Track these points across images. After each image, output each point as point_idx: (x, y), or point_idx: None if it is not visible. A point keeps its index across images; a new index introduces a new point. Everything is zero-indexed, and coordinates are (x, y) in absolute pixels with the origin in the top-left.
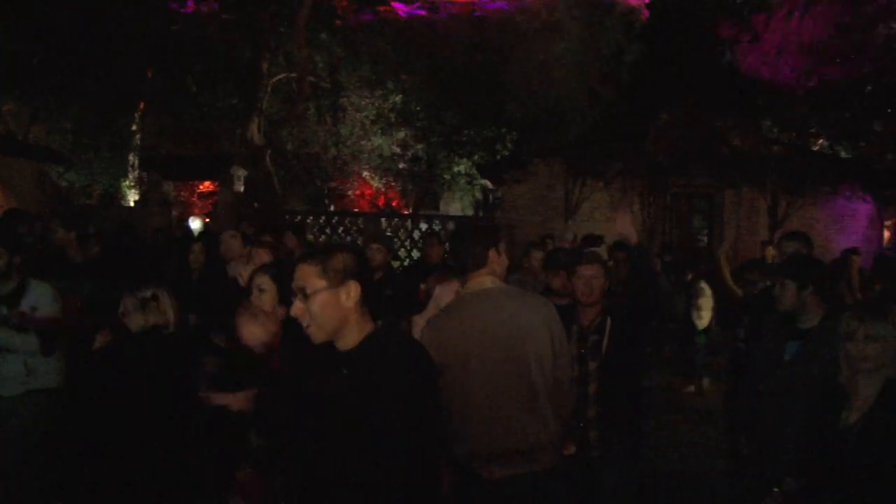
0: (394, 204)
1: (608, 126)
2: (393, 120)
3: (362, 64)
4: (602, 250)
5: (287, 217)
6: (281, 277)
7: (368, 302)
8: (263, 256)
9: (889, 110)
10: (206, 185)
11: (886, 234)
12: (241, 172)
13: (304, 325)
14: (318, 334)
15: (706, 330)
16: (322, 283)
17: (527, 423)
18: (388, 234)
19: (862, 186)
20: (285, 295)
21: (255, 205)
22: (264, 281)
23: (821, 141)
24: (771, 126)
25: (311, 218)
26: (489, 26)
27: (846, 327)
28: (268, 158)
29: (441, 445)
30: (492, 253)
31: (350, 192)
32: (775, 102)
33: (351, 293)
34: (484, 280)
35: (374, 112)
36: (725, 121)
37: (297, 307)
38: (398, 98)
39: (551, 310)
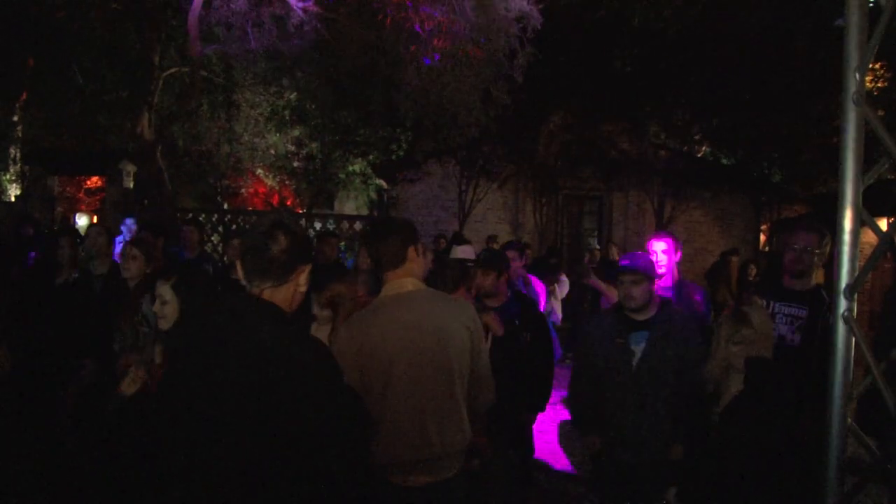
0: (288, 203)
1: (501, 128)
2: (288, 118)
3: (257, 60)
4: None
5: (179, 215)
6: (185, 286)
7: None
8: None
9: (765, 121)
10: (94, 181)
11: (762, 236)
12: (131, 168)
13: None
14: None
15: None
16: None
17: (447, 429)
18: None
19: (741, 191)
20: (187, 301)
21: (145, 202)
22: (165, 291)
23: (704, 147)
24: (658, 132)
25: (203, 216)
26: (384, 26)
27: (727, 330)
28: (158, 154)
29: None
30: (411, 251)
31: (244, 190)
32: (661, 109)
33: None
34: (404, 282)
35: (269, 109)
36: (614, 125)
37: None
38: (293, 96)
39: (472, 314)
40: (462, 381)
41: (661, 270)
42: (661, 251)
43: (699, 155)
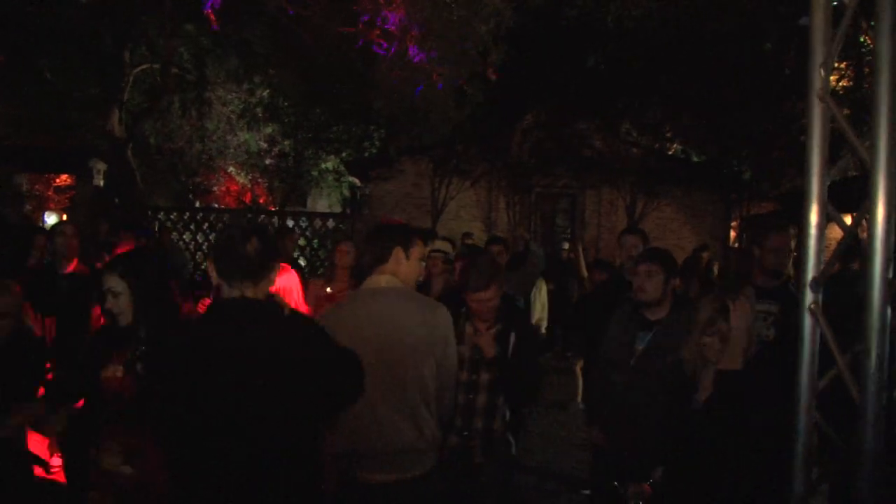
0: (260, 200)
1: (474, 126)
2: (260, 115)
3: (229, 57)
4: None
5: (150, 213)
6: (133, 274)
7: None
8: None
9: (735, 120)
10: (64, 179)
11: (732, 232)
12: (101, 166)
13: None
14: None
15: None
16: None
17: (401, 426)
18: None
19: (711, 188)
20: (143, 293)
21: (116, 200)
22: (115, 282)
23: (676, 145)
24: (630, 129)
25: (175, 214)
26: (357, 23)
27: (700, 321)
28: (129, 152)
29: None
30: (397, 251)
31: (215, 188)
32: (634, 107)
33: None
34: (379, 279)
35: (241, 107)
36: (587, 124)
37: None
38: (266, 93)
39: (443, 314)
40: (419, 381)
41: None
42: (632, 247)
43: (670, 153)
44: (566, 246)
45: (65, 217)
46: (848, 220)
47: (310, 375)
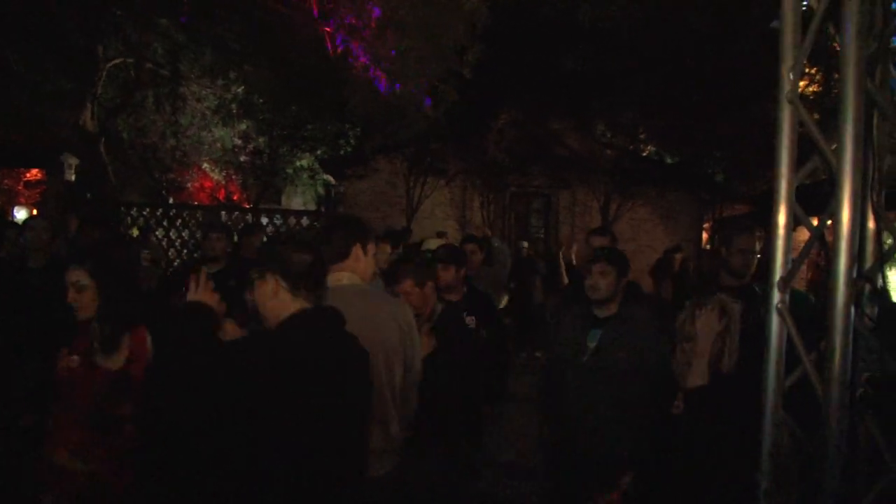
0: (234, 198)
1: (449, 124)
2: (235, 111)
3: (204, 52)
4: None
5: (122, 209)
6: (103, 270)
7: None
8: None
9: (709, 122)
10: (34, 174)
11: (705, 234)
12: (73, 161)
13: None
14: (263, 321)
15: None
16: (254, 274)
17: (372, 428)
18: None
19: (685, 189)
20: (107, 288)
21: (88, 195)
22: (81, 276)
23: (650, 147)
24: (604, 130)
25: (147, 210)
26: (334, 19)
27: (683, 327)
28: (102, 147)
29: None
30: (356, 248)
31: (189, 185)
32: (608, 108)
33: (268, 284)
34: (341, 276)
35: (216, 103)
36: (562, 124)
37: (248, 293)
38: (241, 89)
39: (406, 313)
40: (391, 381)
41: None
42: (599, 247)
43: (644, 154)
44: (525, 244)
45: (35, 212)
46: (816, 222)
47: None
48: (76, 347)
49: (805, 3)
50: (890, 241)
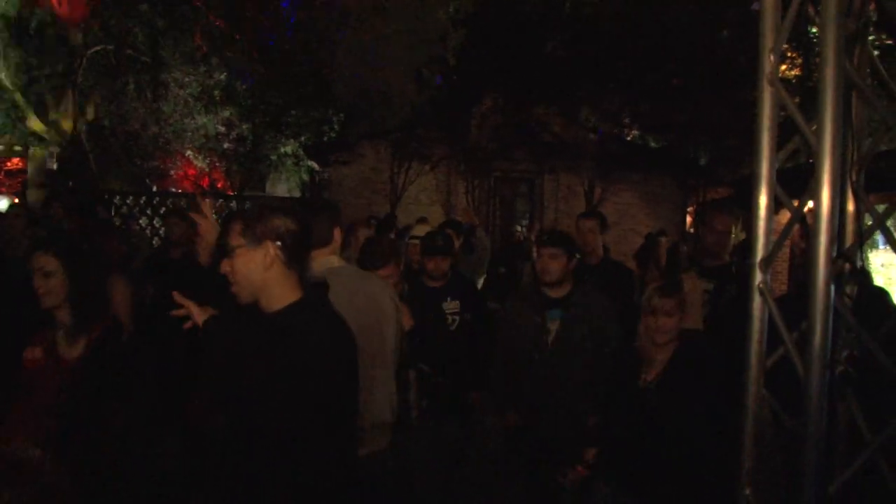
0: (219, 185)
1: (434, 110)
2: (217, 98)
3: (186, 38)
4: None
5: (105, 197)
6: (71, 256)
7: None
8: None
9: (692, 107)
10: (14, 163)
11: (689, 217)
12: (54, 149)
13: (231, 282)
14: (239, 293)
15: None
16: (241, 241)
17: (376, 401)
18: (213, 215)
19: (669, 174)
20: (77, 274)
21: (70, 184)
22: (48, 262)
23: (634, 131)
24: (589, 115)
25: (130, 198)
26: (316, 5)
27: (648, 303)
28: (83, 135)
29: None
30: (337, 231)
31: (172, 173)
32: (593, 93)
33: (268, 254)
34: (331, 259)
35: (198, 89)
36: (546, 109)
37: (225, 264)
38: (223, 76)
39: (392, 292)
40: (392, 358)
41: (589, 249)
42: (588, 230)
43: (629, 139)
44: (519, 229)
45: (16, 201)
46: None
47: None
48: (41, 337)
49: None
50: (870, 222)
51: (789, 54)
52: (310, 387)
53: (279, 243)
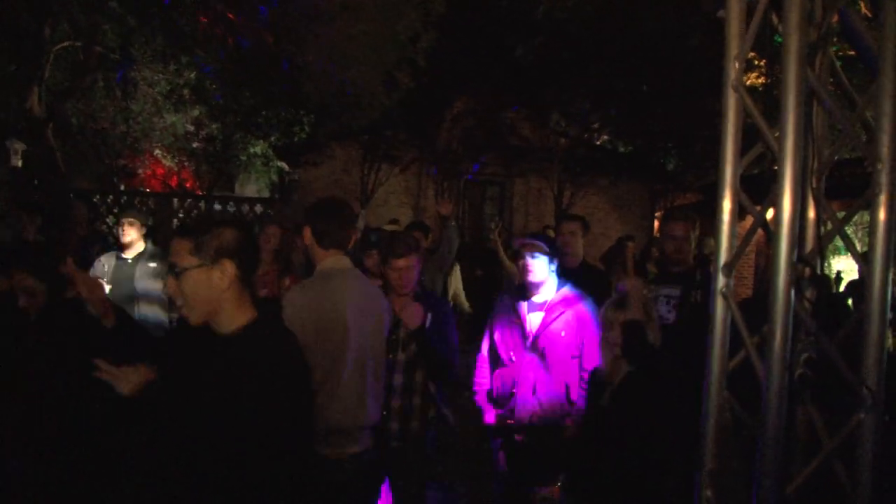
0: (187, 185)
1: (404, 112)
2: (187, 97)
3: (155, 36)
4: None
5: (72, 195)
6: (44, 269)
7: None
8: None
9: (661, 112)
10: None
11: (657, 222)
12: (19, 146)
13: (178, 304)
14: (190, 315)
15: None
16: (193, 261)
17: (372, 401)
18: (181, 215)
19: (637, 179)
20: (55, 286)
21: (36, 182)
22: (29, 281)
23: (603, 136)
24: (558, 119)
25: (98, 197)
26: (286, 5)
27: (604, 318)
28: (50, 132)
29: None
30: (351, 233)
31: (141, 172)
32: (562, 97)
33: (225, 273)
34: (341, 259)
35: (168, 88)
36: (516, 112)
37: (171, 284)
38: (193, 74)
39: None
40: (382, 360)
41: (570, 251)
42: (569, 233)
43: (598, 143)
44: (494, 230)
45: None
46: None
47: None
48: None
49: None
50: (829, 226)
51: (756, 62)
52: (274, 410)
53: (237, 260)
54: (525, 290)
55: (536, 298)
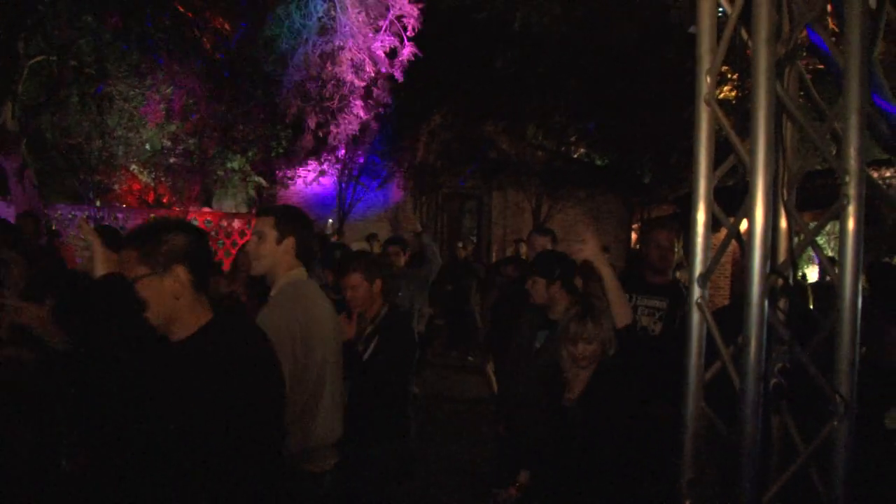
0: (164, 200)
1: (382, 126)
2: (163, 112)
3: (131, 51)
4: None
5: (46, 211)
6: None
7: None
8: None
9: (637, 126)
10: None
11: (634, 235)
12: None
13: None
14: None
15: None
16: (144, 270)
17: (340, 415)
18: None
19: (614, 191)
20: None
21: (8, 197)
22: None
23: (580, 149)
24: (536, 133)
25: (72, 214)
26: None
27: (568, 332)
28: (23, 147)
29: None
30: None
31: (117, 187)
32: (540, 111)
33: (178, 280)
34: (302, 272)
35: (144, 103)
36: (494, 126)
37: None
38: (169, 90)
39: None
40: (339, 373)
41: None
42: (541, 247)
43: (575, 156)
44: (460, 245)
45: None
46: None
47: None
48: None
49: (721, 9)
50: (801, 237)
51: (729, 76)
52: (234, 412)
53: (188, 265)
54: (537, 308)
55: (549, 315)
